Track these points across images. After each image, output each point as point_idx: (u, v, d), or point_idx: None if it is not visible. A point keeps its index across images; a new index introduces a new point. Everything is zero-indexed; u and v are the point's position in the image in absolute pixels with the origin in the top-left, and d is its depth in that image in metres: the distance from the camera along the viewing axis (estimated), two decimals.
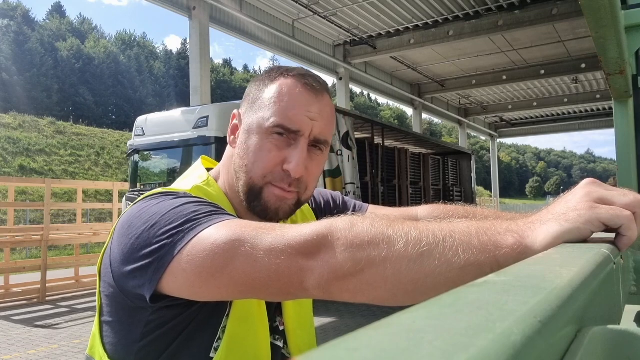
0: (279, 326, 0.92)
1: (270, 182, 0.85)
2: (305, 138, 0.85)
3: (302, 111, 0.84)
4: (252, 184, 0.85)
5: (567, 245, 0.54)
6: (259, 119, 0.86)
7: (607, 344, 0.41)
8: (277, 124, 0.84)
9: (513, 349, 0.23)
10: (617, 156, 2.22)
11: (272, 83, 0.88)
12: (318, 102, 0.87)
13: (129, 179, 8.48)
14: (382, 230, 0.57)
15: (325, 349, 0.21)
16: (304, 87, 0.86)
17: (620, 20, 1.37)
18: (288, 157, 0.84)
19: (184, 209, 0.71)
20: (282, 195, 0.85)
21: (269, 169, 0.84)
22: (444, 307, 0.29)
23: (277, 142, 0.84)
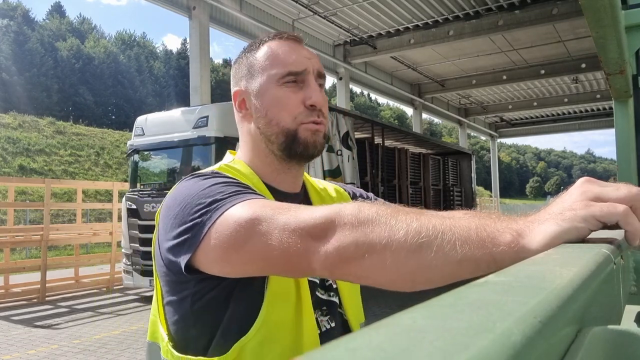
0: (332, 284, 0.98)
1: (301, 122, 0.93)
2: (312, 75, 0.95)
3: (299, 55, 0.95)
4: (286, 130, 0.93)
5: (566, 245, 0.54)
6: (265, 79, 0.95)
7: (608, 344, 0.41)
8: (286, 73, 0.93)
9: (513, 349, 0.23)
10: (617, 156, 2.22)
11: (259, 49, 0.97)
12: (303, 48, 0.99)
13: (129, 179, 8.48)
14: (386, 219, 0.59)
15: (325, 349, 0.21)
16: (288, 39, 0.98)
17: (620, 20, 1.37)
18: (306, 95, 0.94)
19: (211, 190, 0.78)
20: (314, 128, 0.94)
21: (296, 111, 0.93)
22: (445, 307, 0.29)
23: (291, 87, 0.94)
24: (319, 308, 0.94)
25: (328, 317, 0.95)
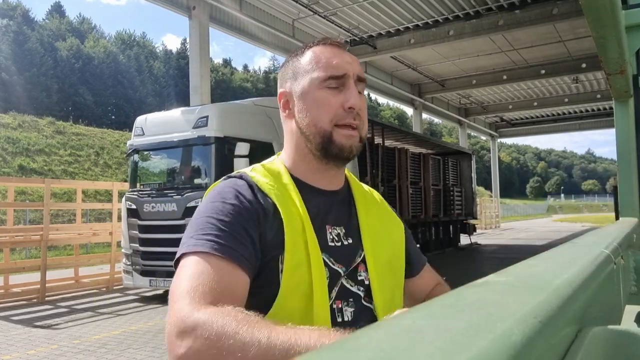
0: (364, 280, 1.01)
1: (337, 125, 0.98)
2: (352, 78, 1.00)
3: (341, 59, 1.01)
4: (322, 131, 0.99)
5: (567, 245, 0.54)
6: (308, 82, 1.01)
7: (608, 344, 0.41)
8: (327, 76, 0.99)
9: (513, 349, 0.23)
10: (617, 156, 2.22)
11: (304, 54, 1.04)
12: (346, 52, 1.05)
13: (129, 178, 8.48)
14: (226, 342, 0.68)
15: (325, 349, 0.21)
16: (332, 45, 1.04)
17: (621, 20, 1.37)
18: (345, 97, 0.99)
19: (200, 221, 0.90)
20: (349, 133, 0.99)
21: (333, 113, 0.98)
22: (445, 307, 0.29)
23: (331, 90, 0.99)
24: (346, 299, 0.97)
25: (353, 309, 0.98)
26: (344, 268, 0.98)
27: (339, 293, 0.97)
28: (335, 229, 1.01)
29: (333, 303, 0.96)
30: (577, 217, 52.07)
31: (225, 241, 0.86)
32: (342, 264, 0.98)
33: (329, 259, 0.97)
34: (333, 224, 1.01)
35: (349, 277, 0.99)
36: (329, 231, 1.00)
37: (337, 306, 0.96)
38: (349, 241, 1.02)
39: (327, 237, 0.99)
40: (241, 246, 0.87)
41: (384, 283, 1.03)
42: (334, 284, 0.96)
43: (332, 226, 1.01)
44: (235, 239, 0.87)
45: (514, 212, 58.36)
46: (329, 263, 0.96)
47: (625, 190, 2.19)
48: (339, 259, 0.98)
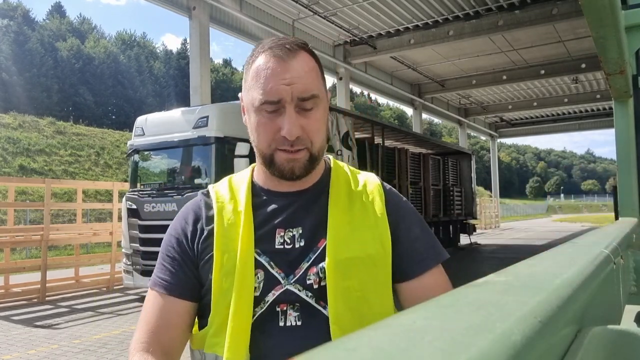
0: (313, 284, 0.96)
1: (276, 148, 0.96)
2: (290, 103, 0.94)
3: (278, 81, 0.94)
4: (263, 154, 0.98)
5: (567, 245, 0.54)
6: (250, 100, 0.98)
7: (607, 344, 0.41)
8: (262, 102, 0.95)
9: (513, 349, 0.23)
10: (617, 156, 2.22)
11: (253, 63, 0.98)
12: (290, 66, 0.95)
13: (129, 179, 8.48)
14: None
15: (325, 349, 0.21)
16: (275, 58, 0.95)
17: (620, 20, 1.37)
18: (281, 124, 0.94)
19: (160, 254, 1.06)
20: (290, 157, 0.96)
21: (271, 138, 0.96)
22: (444, 307, 0.29)
23: (269, 115, 0.95)
24: (291, 302, 0.96)
25: (298, 314, 0.95)
26: (284, 274, 0.97)
27: (281, 297, 0.95)
28: (290, 232, 0.99)
29: (276, 306, 0.95)
30: (576, 217, 52.06)
31: (163, 275, 1.01)
32: (283, 269, 0.97)
33: (268, 263, 0.97)
34: (287, 227, 1.00)
35: (297, 281, 0.96)
36: (279, 234, 0.99)
37: (282, 309, 0.96)
38: (301, 244, 0.98)
39: (275, 241, 0.99)
40: (175, 277, 1.00)
41: (346, 286, 0.96)
42: (271, 287, 0.96)
43: (285, 229, 1.00)
44: (171, 271, 1.01)
45: (513, 212, 58.35)
46: (267, 267, 0.97)
47: (624, 190, 2.19)
48: (281, 263, 0.97)
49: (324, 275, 0.96)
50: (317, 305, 0.96)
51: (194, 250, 1.01)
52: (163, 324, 0.98)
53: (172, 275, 1.01)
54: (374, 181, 1.10)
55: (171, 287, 1.00)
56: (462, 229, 16.50)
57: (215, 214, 1.01)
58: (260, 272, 0.96)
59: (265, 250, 0.98)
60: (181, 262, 1.01)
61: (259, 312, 0.95)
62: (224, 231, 0.99)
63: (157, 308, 0.99)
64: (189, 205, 1.08)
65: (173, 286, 1.00)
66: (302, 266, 0.97)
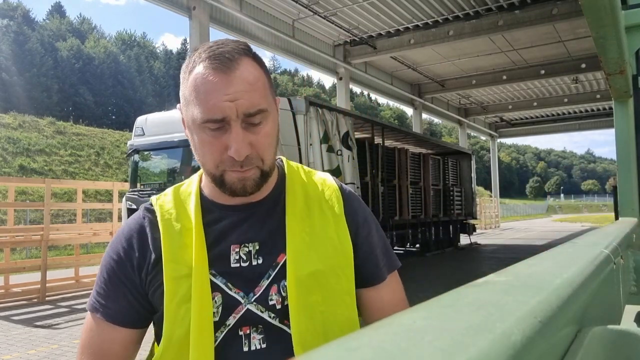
0: (275, 304, 0.91)
1: (225, 169, 0.89)
2: (235, 120, 0.86)
3: (220, 98, 0.85)
4: (212, 174, 0.91)
5: (567, 245, 0.54)
6: (191, 117, 0.89)
7: (607, 344, 0.41)
8: (203, 120, 0.86)
9: (513, 349, 0.23)
10: (617, 156, 2.22)
11: (190, 75, 0.88)
12: (233, 79, 0.85)
13: (129, 179, 8.48)
14: None
15: (325, 349, 0.21)
16: (214, 71, 0.85)
17: (620, 20, 1.37)
18: (228, 144, 0.86)
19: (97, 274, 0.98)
20: (240, 176, 0.89)
21: (218, 158, 0.88)
22: (444, 307, 0.29)
23: (213, 133, 0.87)
24: (254, 324, 0.90)
25: (262, 336, 0.91)
26: (243, 293, 0.90)
27: (243, 320, 0.90)
28: (246, 247, 0.93)
29: (239, 330, 0.90)
30: (576, 217, 52.07)
31: (104, 301, 0.93)
32: (241, 289, 0.91)
33: (225, 285, 0.90)
34: (243, 242, 0.93)
35: (258, 301, 0.91)
36: (234, 251, 0.92)
37: (245, 332, 0.90)
38: (258, 261, 0.92)
39: (231, 259, 0.92)
40: (116, 302, 0.93)
41: (309, 302, 0.91)
42: (231, 310, 0.90)
43: (241, 245, 0.93)
44: (113, 298, 0.93)
45: (513, 212, 58.37)
46: (225, 289, 0.90)
47: (624, 190, 2.19)
48: (239, 283, 0.91)
49: (286, 294, 0.91)
50: (282, 325, 0.91)
51: (142, 279, 0.93)
52: (106, 354, 0.92)
53: (114, 302, 0.93)
54: (332, 184, 1.04)
55: (115, 316, 0.92)
56: (462, 229, 16.50)
57: (162, 236, 0.93)
58: (218, 295, 0.90)
59: (221, 270, 0.91)
60: (125, 289, 0.93)
61: (220, 337, 0.89)
62: (173, 255, 0.91)
63: (100, 339, 0.92)
64: (131, 224, 0.97)
65: (118, 315, 0.92)
66: (262, 284, 0.91)
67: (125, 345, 0.94)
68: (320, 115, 8.25)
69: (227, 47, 0.88)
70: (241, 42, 0.92)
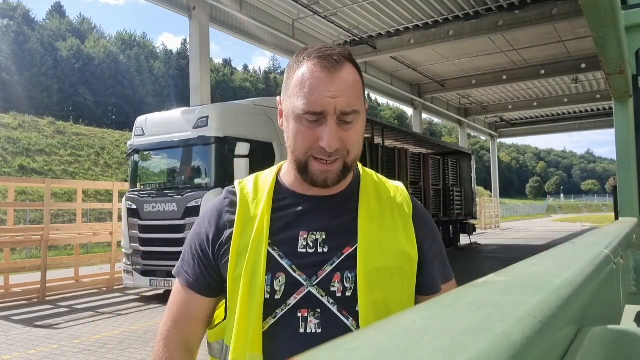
0: (336, 292, 0.96)
1: (312, 156, 0.96)
2: (332, 115, 0.94)
3: (323, 93, 0.93)
4: (298, 160, 0.98)
5: (567, 245, 0.54)
6: (291, 107, 0.97)
7: (607, 344, 0.41)
8: (304, 111, 0.94)
9: (513, 349, 0.23)
10: (617, 156, 2.22)
11: (298, 69, 0.98)
12: (336, 79, 0.95)
13: (129, 178, 8.48)
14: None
15: (325, 349, 0.21)
16: (322, 69, 0.95)
17: (620, 20, 1.37)
18: (321, 135, 0.94)
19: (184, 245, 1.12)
20: (324, 168, 0.96)
21: (309, 146, 0.96)
22: (444, 307, 0.29)
23: (309, 124, 0.95)
24: (313, 308, 0.96)
25: (319, 321, 0.95)
26: (305, 276, 0.97)
27: (303, 301, 0.96)
28: (314, 235, 0.99)
29: (298, 311, 0.95)
30: (576, 217, 52.07)
31: (187, 268, 1.08)
32: (305, 272, 0.97)
33: (290, 267, 0.97)
34: (312, 230, 1.00)
35: (319, 285, 0.96)
36: (302, 237, 0.99)
37: (303, 315, 0.95)
38: (324, 249, 0.99)
39: (299, 244, 0.99)
40: (192, 269, 1.07)
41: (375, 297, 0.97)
42: (293, 291, 0.96)
43: (309, 232, 1.00)
44: (193, 268, 1.07)
45: (513, 212, 58.35)
46: (289, 270, 0.97)
47: (624, 190, 2.19)
48: (303, 266, 0.97)
49: (350, 286, 0.96)
50: (340, 315, 0.96)
51: (215, 252, 1.04)
52: (183, 316, 1.06)
53: (193, 271, 1.06)
54: (404, 192, 1.13)
55: (191, 283, 1.06)
56: (462, 229, 16.50)
57: (237, 216, 1.02)
58: (282, 276, 0.97)
59: (288, 253, 0.98)
60: (201, 262, 1.05)
61: (279, 314, 0.96)
62: (242, 232, 1.00)
63: (179, 300, 1.07)
64: (215, 204, 1.10)
65: (193, 282, 1.06)
66: (325, 269, 0.97)
67: (202, 311, 1.07)
68: None
69: (335, 50, 0.99)
70: (345, 49, 1.03)
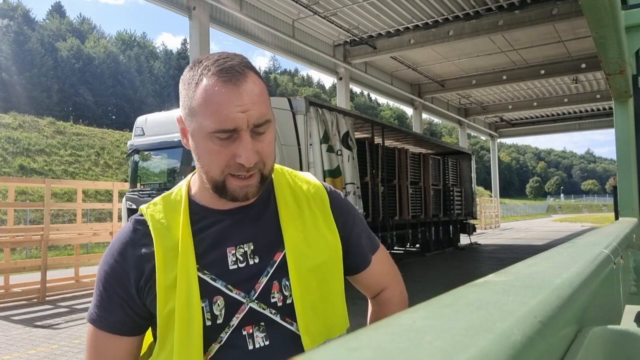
0: (277, 302, 0.95)
1: (229, 174, 0.92)
2: (245, 130, 0.90)
3: (232, 109, 0.88)
4: (214, 180, 0.93)
5: (567, 245, 0.54)
6: (198, 126, 0.91)
7: (607, 344, 0.41)
8: (215, 130, 0.89)
9: (513, 349, 0.23)
10: (617, 156, 2.22)
11: (197, 87, 0.91)
12: (243, 92, 0.90)
13: (129, 179, 8.48)
14: None
15: (325, 349, 0.21)
16: (225, 84, 0.89)
17: (620, 20, 1.37)
18: (236, 152, 0.90)
19: (95, 286, 1.00)
20: (243, 183, 0.93)
21: (225, 164, 0.91)
22: (444, 307, 0.29)
23: (222, 142, 0.90)
24: (256, 323, 0.94)
25: (265, 334, 0.94)
26: (244, 293, 0.94)
27: (246, 319, 0.93)
28: (242, 248, 0.96)
29: (242, 330, 0.93)
30: (576, 217, 52.08)
31: (100, 312, 0.96)
32: (242, 289, 0.94)
33: (225, 287, 0.93)
34: (238, 243, 0.97)
35: (259, 299, 0.94)
36: (230, 253, 0.96)
37: (248, 332, 0.93)
38: (255, 260, 0.96)
39: (228, 261, 0.95)
40: (113, 314, 0.96)
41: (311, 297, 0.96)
42: (234, 311, 0.93)
43: (236, 246, 0.96)
44: (113, 310, 0.96)
45: (513, 212, 58.36)
46: (225, 292, 0.93)
47: (624, 190, 2.19)
48: (239, 283, 0.94)
49: (289, 293, 0.95)
50: (284, 322, 0.95)
51: (139, 289, 0.95)
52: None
53: (116, 315, 0.96)
54: (316, 183, 1.10)
55: (112, 326, 0.96)
56: (462, 229, 16.50)
57: (155, 246, 0.95)
58: (220, 299, 0.93)
59: (220, 273, 0.94)
60: (124, 303, 0.96)
61: (224, 337, 0.92)
62: (165, 264, 0.94)
63: (102, 347, 0.96)
64: (123, 238, 0.99)
65: (118, 327, 0.96)
66: (261, 280, 0.95)
67: (128, 351, 0.98)
68: (320, 115, 8.25)
69: (234, 61, 0.92)
70: (243, 57, 0.97)
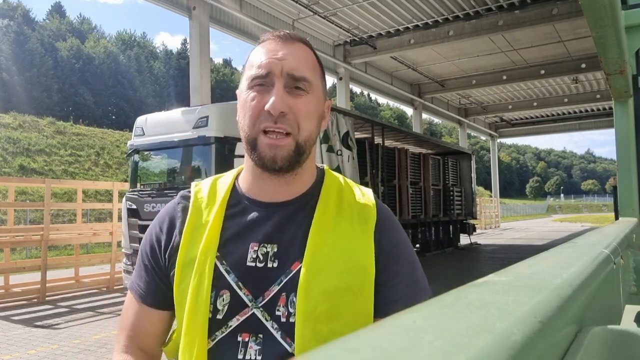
0: (281, 316, 0.86)
1: (261, 130, 0.87)
2: (278, 77, 0.88)
3: (269, 56, 0.89)
4: (248, 137, 0.90)
5: (567, 245, 0.54)
6: (242, 83, 0.93)
7: (607, 344, 0.41)
8: (253, 76, 0.89)
9: (513, 349, 0.23)
10: (617, 156, 2.22)
11: (252, 52, 0.94)
12: (287, 46, 0.90)
13: (129, 179, 8.48)
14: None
15: (325, 349, 0.21)
16: (274, 38, 0.92)
17: (620, 20, 1.37)
18: (267, 99, 0.87)
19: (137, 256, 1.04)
20: (272, 143, 0.87)
21: (256, 115, 0.88)
22: (444, 307, 0.29)
23: (257, 91, 0.88)
24: (255, 333, 0.86)
25: (260, 347, 0.86)
26: (251, 296, 0.87)
27: (245, 324, 0.86)
28: (265, 247, 0.89)
29: (238, 335, 0.86)
30: (576, 217, 52.07)
31: (139, 281, 1.00)
32: (251, 291, 0.87)
33: (236, 283, 0.87)
34: (263, 242, 0.90)
35: (265, 308, 0.86)
36: (252, 249, 0.89)
37: (243, 339, 0.86)
38: (274, 264, 0.88)
39: (248, 257, 0.89)
40: (145, 281, 0.99)
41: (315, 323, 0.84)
42: (237, 311, 0.86)
43: (259, 244, 0.89)
44: (145, 280, 0.99)
45: (513, 212, 58.34)
46: (234, 287, 0.87)
47: (624, 190, 2.19)
48: (250, 283, 0.87)
49: (294, 311, 0.85)
50: (283, 342, 0.85)
51: (166, 260, 0.95)
52: (138, 331, 0.98)
53: (145, 283, 0.98)
54: (370, 198, 0.97)
55: (144, 296, 0.97)
56: (462, 229, 16.51)
57: (187, 223, 0.93)
58: (226, 293, 0.87)
59: (235, 266, 0.88)
60: (152, 272, 0.97)
61: (219, 336, 0.87)
62: (190, 240, 0.91)
63: (134, 314, 0.99)
64: (167, 209, 1.01)
65: (146, 295, 0.97)
66: (272, 289, 0.87)
67: (157, 325, 0.98)
68: None
69: (293, 33, 0.95)
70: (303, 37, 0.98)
